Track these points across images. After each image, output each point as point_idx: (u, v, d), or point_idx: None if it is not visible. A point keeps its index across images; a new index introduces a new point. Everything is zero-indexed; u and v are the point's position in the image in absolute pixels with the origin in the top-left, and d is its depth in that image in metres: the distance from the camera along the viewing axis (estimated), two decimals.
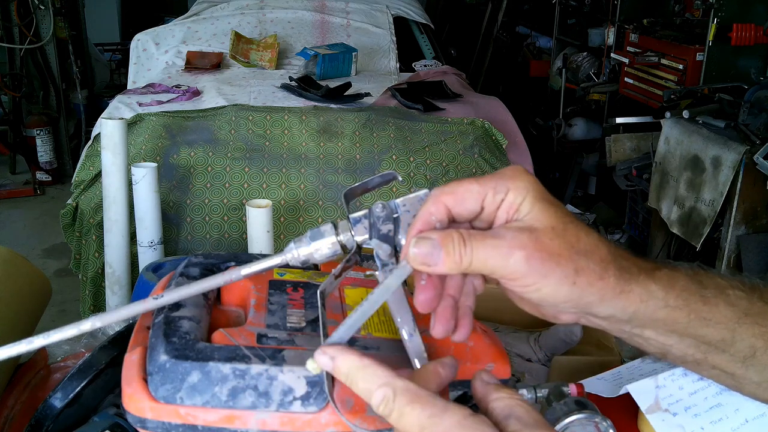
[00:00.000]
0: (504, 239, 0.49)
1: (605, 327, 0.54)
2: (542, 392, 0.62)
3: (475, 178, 0.52)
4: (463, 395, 0.59)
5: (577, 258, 0.49)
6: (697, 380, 0.72)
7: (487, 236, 0.49)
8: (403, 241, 0.53)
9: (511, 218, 0.50)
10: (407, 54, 4.40)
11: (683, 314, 0.51)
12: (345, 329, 0.49)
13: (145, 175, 2.18)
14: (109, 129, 2.20)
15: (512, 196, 0.50)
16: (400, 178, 0.58)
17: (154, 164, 2.24)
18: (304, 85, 3.40)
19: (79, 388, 0.63)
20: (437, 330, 0.51)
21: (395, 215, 0.54)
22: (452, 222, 0.52)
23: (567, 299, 0.49)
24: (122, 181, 2.24)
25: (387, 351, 0.58)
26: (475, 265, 0.49)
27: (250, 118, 2.75)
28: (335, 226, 0.55)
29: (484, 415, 0.45)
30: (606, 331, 0.55)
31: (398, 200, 0.54)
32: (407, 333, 0.52)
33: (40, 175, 4.89)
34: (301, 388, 0.51)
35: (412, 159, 2.70)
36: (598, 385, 0.79)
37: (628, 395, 0.74)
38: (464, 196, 0.51)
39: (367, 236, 0.54)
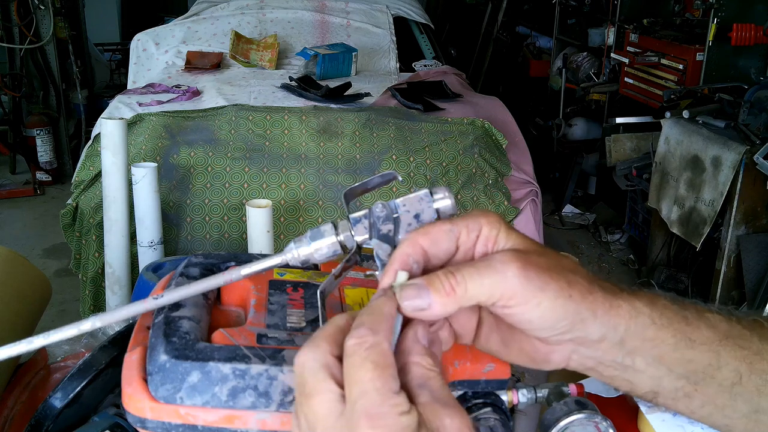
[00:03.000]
0: (494, 260, 0.49)
1: (598, 360, 0.53)
2: (542, 392, 0.62)
3: (447, 219, 0.52)
4: (463, 395, 0.59)
5: (565, 272, 0.50)
6: None
7: (476, 262, 0.50)
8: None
9: (490, 251, 0.51)
10: (407, 54, 4.40)
11: (669, 333, 0.51)
12: None
13: (145, 175, 2.18)
14: (109, 129, 2.21)
15: (487, 230, 0.51)
16: (400, 178, 0.58)
17: (154, 164, 2.24)
18: (304, 85, 3.40)
19: (79, 388, 0.63)
20: None
21: (395, 215, 0.54)
22: (428, 264, 0.51)
23: (564, 314, 0.49)
24: (122, 181, 2.24)
25: None
26: (471, 291, 0.48)
27: (250, 118, 2.75)
28: (335, 226, 0.55)
29: (400, 370, 0.44)
30: (597, 374, 0.54)
31: (398, 200, 0.54)
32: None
33: (40, 175, 4.89)
34: None
35: (412, 159, 2.70)
36: (598, 385, 0.79)
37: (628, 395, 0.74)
38: (439, 236, 0.51)
39: (367, 236, 0.54)
